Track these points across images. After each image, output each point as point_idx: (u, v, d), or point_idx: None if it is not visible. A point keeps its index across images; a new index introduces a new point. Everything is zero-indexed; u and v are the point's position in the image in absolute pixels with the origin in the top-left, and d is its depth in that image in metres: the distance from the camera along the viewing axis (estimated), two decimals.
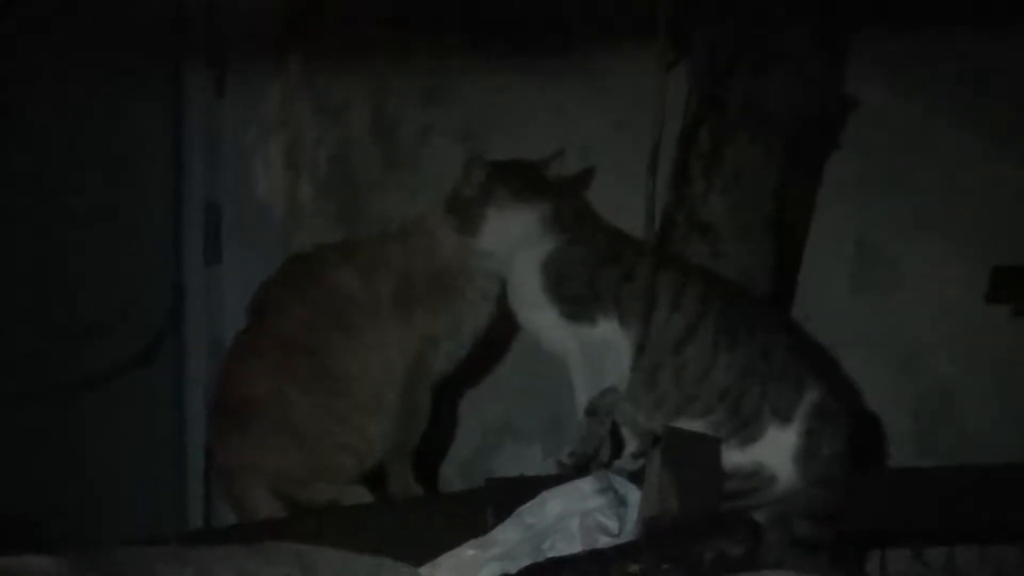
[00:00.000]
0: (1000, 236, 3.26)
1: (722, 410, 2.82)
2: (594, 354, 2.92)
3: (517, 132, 3.54)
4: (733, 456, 2.79)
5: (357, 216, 3.79)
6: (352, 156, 3.82)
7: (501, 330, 3.22)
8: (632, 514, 2.69)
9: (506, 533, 2.67)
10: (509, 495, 2.76)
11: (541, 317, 2.97)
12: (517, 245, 2.98)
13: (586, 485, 2.70)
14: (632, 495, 2.73)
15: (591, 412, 2.93)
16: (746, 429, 2.80)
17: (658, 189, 2.98)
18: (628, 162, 3.22)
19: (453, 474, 3.59)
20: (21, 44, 3.48)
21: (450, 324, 3.12)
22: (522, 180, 3.00)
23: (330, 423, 3.05)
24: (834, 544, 2.80)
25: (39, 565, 2.35)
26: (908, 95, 3.32)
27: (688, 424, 2.81)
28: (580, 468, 2.89)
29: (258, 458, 3.03)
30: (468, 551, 2.65)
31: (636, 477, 2.77)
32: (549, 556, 2.58)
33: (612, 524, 2.66)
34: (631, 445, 2.99)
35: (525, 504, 2.70)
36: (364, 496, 3.07)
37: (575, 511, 2.66)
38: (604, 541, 2.63)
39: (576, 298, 2.92)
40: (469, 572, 2.63)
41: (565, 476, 2.81)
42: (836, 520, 2.79)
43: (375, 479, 3.11)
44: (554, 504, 2.68)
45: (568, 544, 2.63)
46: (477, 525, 2.72)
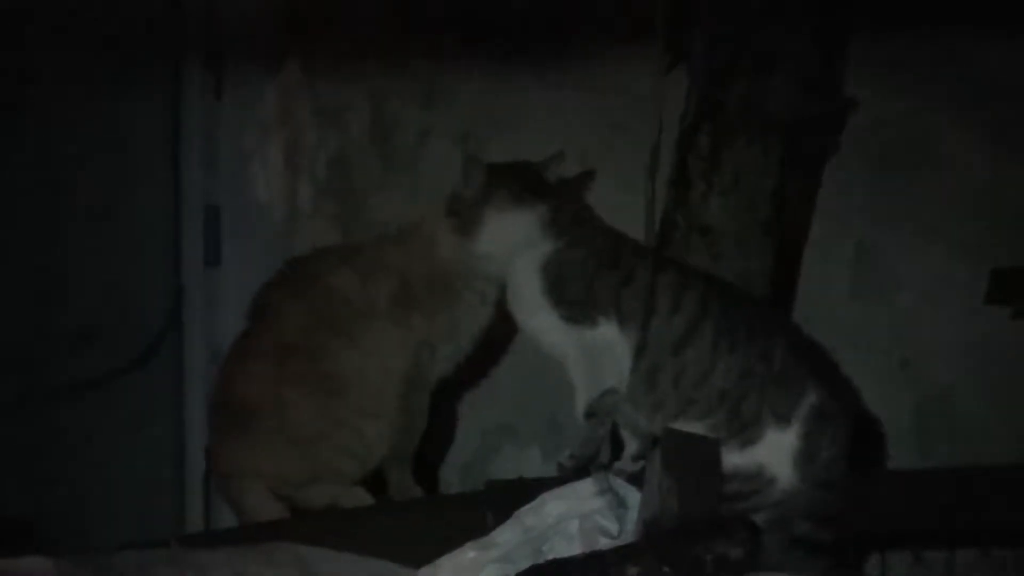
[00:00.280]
0: (999, 238, 3.26)
1: (722, 412, 2.81)
2: (593, 356, 2.92)
3: (516, 134, 3.54)
4: (733, 458, 2.78)
5: (356, 218, 3.79)
6: (351, 158, 3.82)
7: (500, 332, 3.22)
8: (632, 516, 2.69)
9: (506, 535, 2.66)
10: (509, 497, 2.75)
11: (541, 320, 2.97)
12: (516, 248, 2.97)
13: (586, 487, 2.70)
14: (632, 497, 2.72)
15: (591, 414, 2.92)
16: (746, 431, 2.80)
17: (657, 191, 2.99)
18: (627, 164, 3.22)
19: (453, 476, 3.59)
20: (20, 47, 3.48)
21: (449, 327, 3.12)
22: (521, 182, 2.99)
23: (329, 425, 3.04)
24: (834, 546, 2.80)
25: (39, 567, 2.36)
26: (907, 97, 3.32)
27: (688, 426, 2.80)
28: (580, 470, 2.88)
29: (258, 460, 3.03)
30: (468, 553, 2.65)
31: (636, 479, 2.76)
32: (549, 558, 2.58)
33: (612, 526, 2.66)
34: (631, 447, 2.98)
35: (525, 506, 2.69)
36: (364, 498, 3.07)
37: (575, 513, 2.66)
38: (604, 543, 2.62)
39: (575, 301, 2.92)
40: (469, 574, 2.62)
41: (565, 478, 2.80)
42: (836, 522, 2.79)
43: (375, 481, 3.11)
44: (554, 506, 2.68)
45: (568, 546, 2.62)
46: (477, 527, 2.72)
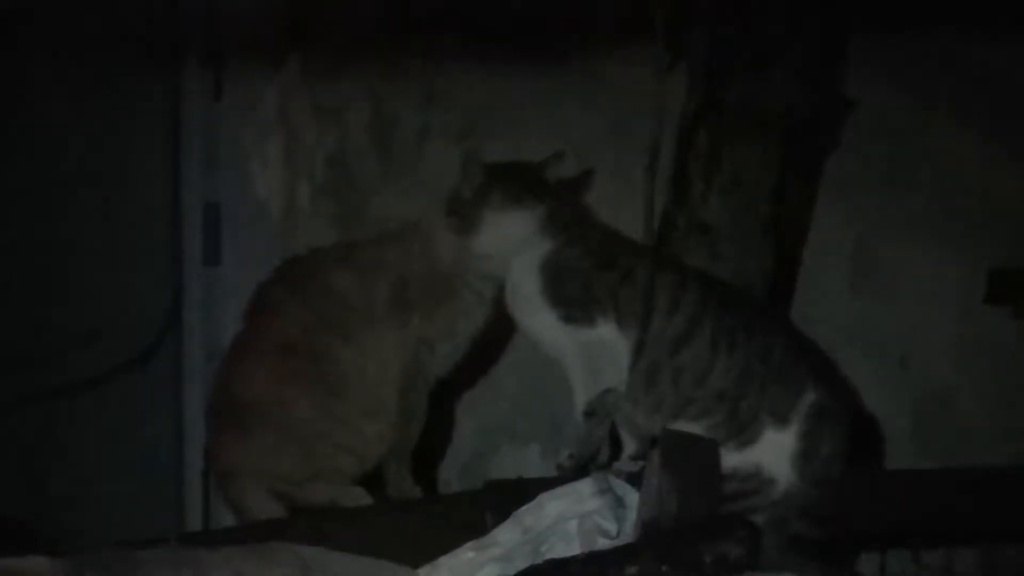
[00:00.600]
0: (999, 238, 3.26)
1: (720, 412, 2.81)
2: (592, 356, 2.91)
3: (515, 133, 3.54)
4: (731, 458, 2.78)
5: (355, 217, 3.79)
6: (350, 158, 3.82)
7: (499, 332, 3.22)
8: (631, 516, 2.69)
9: (505, 535, 2.66)
10: (508, 497, 2.75)
11: (539, 319, 2.96)
12: (514, 247, 2.97)
13: (585, 487, 2.69)
14: (631, 497, 2.72)
15: (590, 414, 2.92)
16: (744, 431, 2.80)
17: (657, 190, 2.99)
18: (626, 163, 3.22)
19: (452, 476, 3.59)
20: (18, 47, 3.48)
21: (447, 326, 3.11)
22: (519, 182, 2.99)
23: (328, 424, 3.04)
24: (832, 546, 2.80)
25: (38, 566, 2.36)
26: (906, 96, 3.33)
27: (686, 426, 2.80)
28: (579, 470, 2.89)
29: (257, 459, 3.03)
30: (467, 553, 2.64)
31: (635, 479, 2.76)
32: (548, 558, 2.58)
33: (611, 526, 2.65)
34: (630, 447, 2.99)
35: (524, 506, 2.69)
36: (363, 497, 3.07)
37: (574, 513, 2.66)
38: (603, 543, 2.62)
39: (574, 300, 2.91)
40: (468, 574, 2.62)
41: (564, 478, 2.80)
42: (834, 522, 2.79)
43: (374, 480, 3.11)
44: (553, 506, 2.67)
45: (567, 546, 2.62)
46: (476, 527, 2.71)
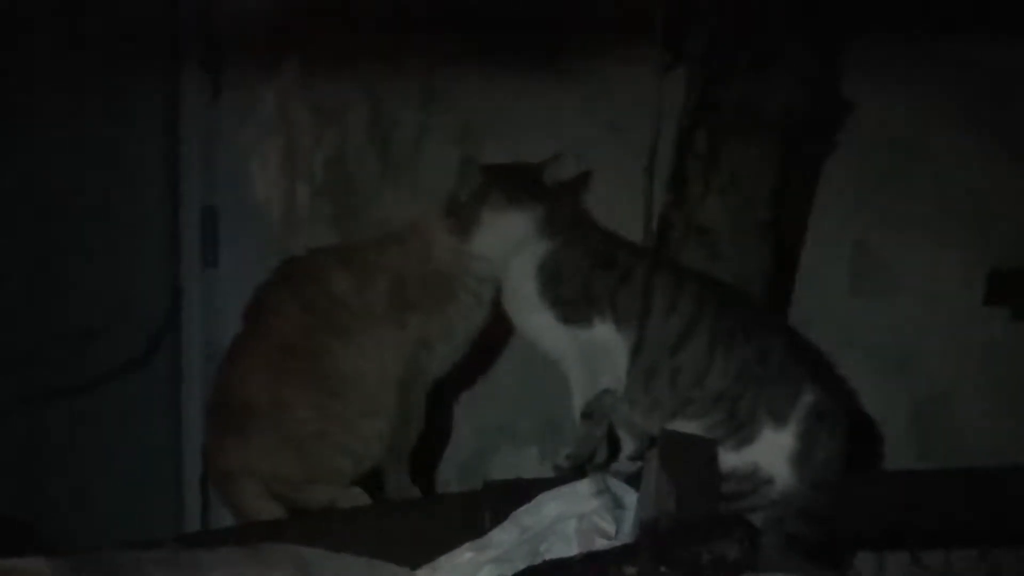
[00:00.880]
0: (998, 239, 3.26)
1: (718, 412, 2.81)
2: (590, 357, 2.92)
3: (514, 135, 3.54)
4: (730, 458, 2.78)
5: (353, 218, 3.79)
6: (348, 159, 3.82)
7: (497, 333, 3.22)
8: (629, 516, 2.69)
9: (503, 535, 2.66)
10: (506, 497, 2.75)
11: (537, 320, 2.97)
12: (512, 248, 2.97)
13: (583, 487, 2.70)
14: (629, 497, 2.72)
15: (588, 414, 2.92)
16: (742, 431, 2.80)
17: (655, 191, 2.99)
18: (625, 164, 3.22)
19: (450, 476, 3.58)
20: (17, 48, 3.48)
21: (445, 327, 3.11)
22: (517, 183, 2.99)
23: (327, 425, 3.04)
24: (831, 546, 2.80)
25: (36, 567, 2.35)
26: (905, 97, 3.32)
27: (684, 426, 2.80)
28: (577, 470, 2.89)
29: (255, 460, 3.03)
30: (465, 553, 2.65)
31: (633, 479, 2.76)
32: (546, 558, 2.58)
33: (609, 526, 2.65)
34: (628, 447, 2.99)
35: (522, 506, 2.69)
36: (361, 498, 3.07)
37: (572, 513, 2.66)
38: (601, 543, 2.62)
39: (572, 301, 2.92)
40: (466, 574, 2.62)
41: (562, 478, 2.80)
42: (833, 522, 2.79)
43: (373, 481, 3.11)
44: (551, 506, 2.68)
45: (565, 546, 2.62)
46: (474, 527, 2.72)
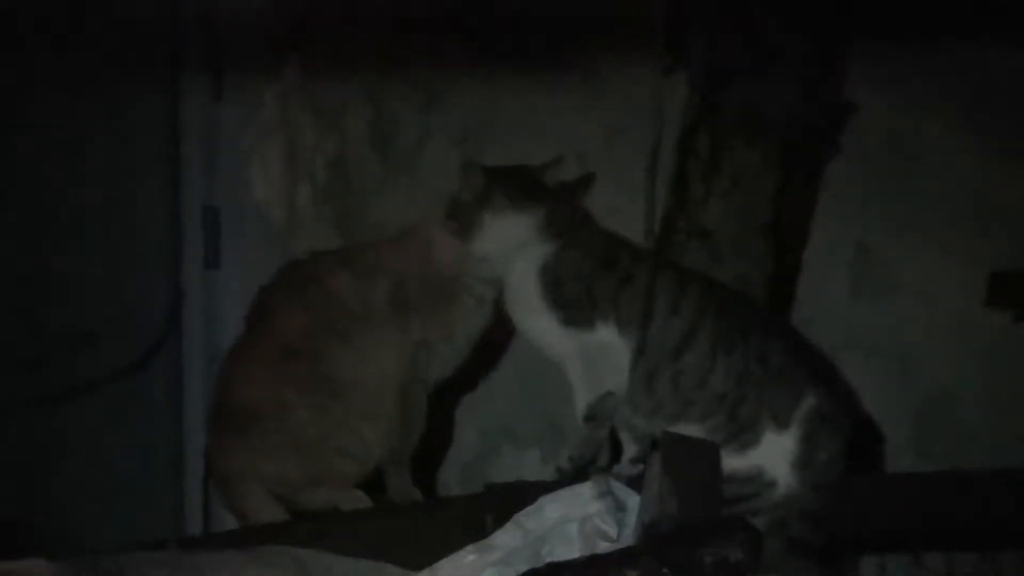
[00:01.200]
0: (999, 241, 3.26)
1: (720, 415, 2.81)
2: (592, 359, 2.91)
3: (515, 137, 3.54)
4: (732, 461, 2.78)
5: (355, 220, 3.79)
6: (350, 161, 3.82)
7: (499, 335, 3.22)
8: (631, 519, 2.68)
9: (505, 538, 2.66)
10: (508, 500, 2.75)
11: (539, 323, 2.96)
12: (513, 250, 2.97)
13: (585, 490, 2.69)
14: (631, 500, 2.72)
15: (590, 417, 2.92)
16: (744, 434, 2.80)
17: (657, 194, 2.99)
18: (627, 167, 3.22)
19: (452, 479, 3.58)
20: (19, 49, 3.48)
21: (446, 329, 3.11)
22: (519, 185, 2.99)
23: (328, 428, 3.04)
24: (833, 549, 2.80)
25: (37, 569, 2.35)
26: (906, 100, 3.32)
27: (687, 429, 2.80)
28: (579, 473, 2.89)
29: (256, 463, 3.03)
30: (467, 556, 2.64)
31: (635, 482, 2.76)
32: (548, 561, 2.57)
33: (611, 529, 2.65)
34: (630, 450, 2.98)
35: (524, 509, 2.69)
36: (363, 501, 3.06)
37: (574, 516, 2.66)
38: (603, 546, 2.62)
39: (574, 303, 2.91)
40: None
41: (564, 481, 2.80)
42: (835, 524, 2.79)
43: (374, 484, 3.11)
44: (553, 509, 2.67)
45: (567, 549, 2.62)
46: (476, 530, 2.71)
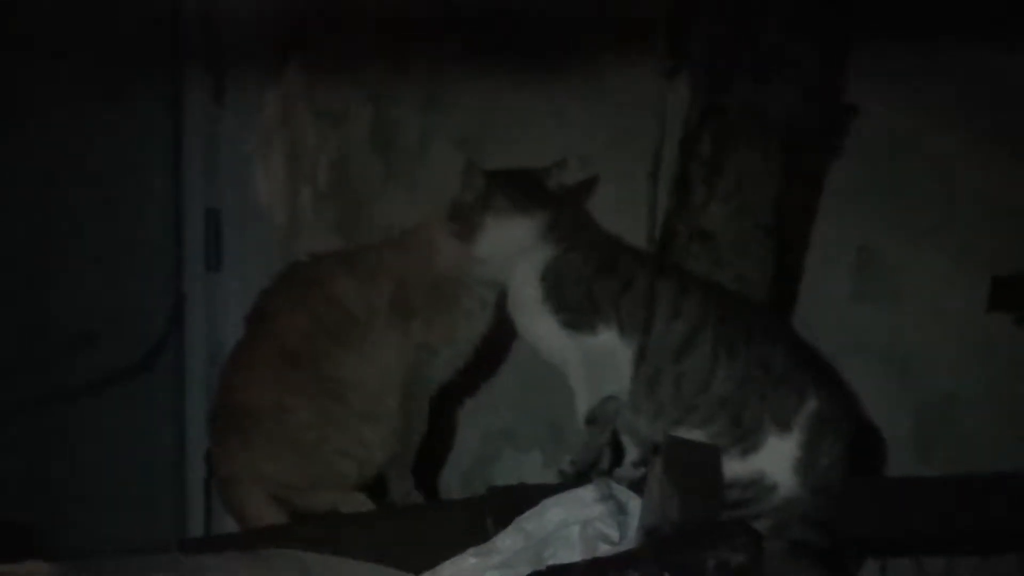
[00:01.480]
0: (1002, 245, 3.26)
1: (722, 419, 2.81)
2: (594, 363, 2.91)
3: (517, 139, 3.54)
4: (733, 465, 2.78)
5: (357, 223, 3.79)
6: (352, 163, 3.82)
7: (501, 338, 3.22)
8: (633, 522, 2.69)
9: (506, 541, 2.66)
10: (509, 503, 2.75)
11: (541, 326, 2.96)
12: (515, 254, 2.97)
13: (587, 493, 2.70)
14: (633, 503, 2.72)
15: (591, 421, 2.92)
16: (746, 438, 2.80)
17: (659, 197, 2.99)
18: (629, 170, 3.22)
19: (453, 482, 3.58)
20: (20, 53, 3.48)
21: (448, 332, 3.11)
22: (521, 188, 2.99)
23: (330, 430, 3.04)
24: (834, 553, 2.80)
25: (38, 572, 2.36)
26: (908, 102, 3.32)
27: (689, 433, 2.80)
28: (581, 476, 2.89)
29: (258, 465, 3.03)
30: (469, 559, 2.65)
31: (637, 485, 2.76)
32: (550, 564, 2.57)
33: (613, 532, 2.65)
34: (632, 453, 2.99)
35: (526, 512, 2.69)
36: (364, 503, 3.07)
37: (576, 519, 2.66)
38: (605, 549, 2.62)
39: (575, 307, 2.91)
40: None
41: (566, 484, 2.80)
42: (836, 528, 2.79)
43: (376, 486, 3.11)
44: (555, 512, 2.68)
45: (569, 552, 2.62)
46: (478, 533, 2.72)
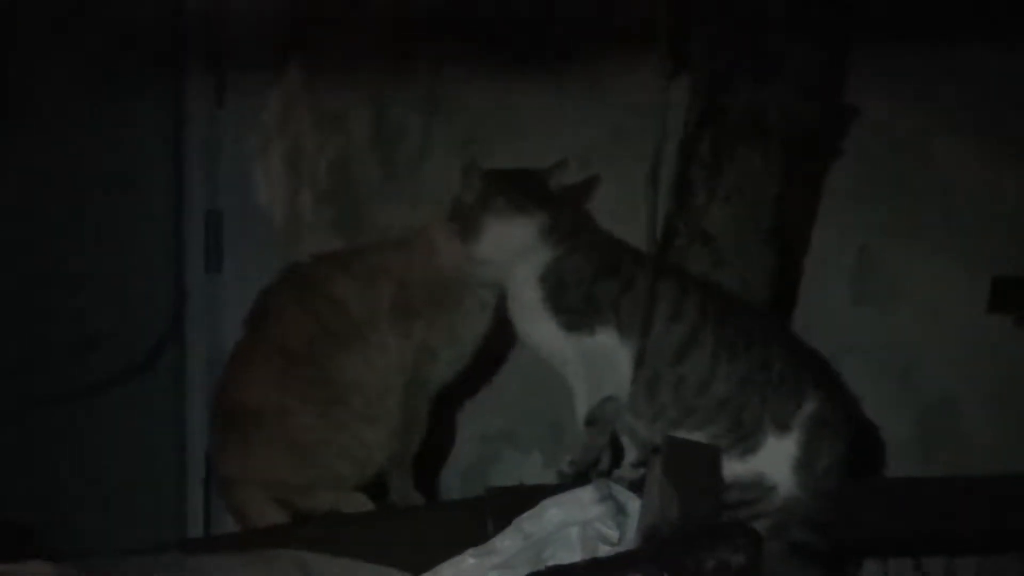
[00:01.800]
0: (1002, 247, 3.26)
1: (722, 421, 2.81)
2: (593, 364, 2.91)
3: (518, 140, 3.54)
4: (733, 466, 2.78)
5: (357, 224, 3.79)
6: (352, 164, 3.82)
7: (501, 339, 3.22)
8: (632, 523, 2.69)
9: (506, 542, 2.66)
10: (509, 504, 2.75)
11: (540, 328, 2.96)
12: (515, 255, 2.97)
13: (586, 494, 2.70)
14: (632, 504, 2.72)
15: (591, 422, 2.92)
16: (746, 439, 2.80)
17: (659, 199, 2.99)
18: (629, 171, 3.21)
19: (453, 483, 3.58)
20: (22, 54, 3.48)
21: (448, 333, 3.11)
22: (521, 189, 2.98)
23: (330, 431, 3.04)
24: (834, 554, 2.80)
25: (39, 572, 2.36)
26: (908, 105, 3.32)
27: (688, 434, 2.80)
28: (580, 477, 2.89)
29: (259, 466, 3.03)
30: (468, 560, 2.65)
31: (636, 486, 2.77)
32: (549, 565, 2.58)
33: (612, 533, 2.66)
34: (631, 454, 2.99)
35: (525, 513, 2.69)
36: (365, 504, 3.07)
37: (575, 520, 2.66)
38: (604, 550, 2.62)
39: (575, 308, 2.91)
40: None
41: (565, 485, 2.80)
42: (836, 530, 2.79)
43: (376, 487, 3.11)
44: (554, 513, 2.68)
45: (568, 553, 2.62)
46: (477, 534, 2.72)
